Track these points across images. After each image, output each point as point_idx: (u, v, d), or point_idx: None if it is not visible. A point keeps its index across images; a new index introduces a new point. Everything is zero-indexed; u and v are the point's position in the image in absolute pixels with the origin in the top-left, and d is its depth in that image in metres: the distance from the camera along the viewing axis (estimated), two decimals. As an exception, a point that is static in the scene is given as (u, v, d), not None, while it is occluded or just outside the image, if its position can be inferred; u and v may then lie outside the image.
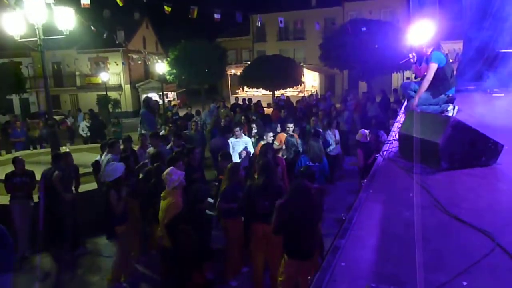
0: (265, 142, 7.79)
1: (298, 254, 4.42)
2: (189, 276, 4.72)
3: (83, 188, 8.13)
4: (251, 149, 8.25)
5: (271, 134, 8.13)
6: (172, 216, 4.88)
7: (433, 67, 4.74)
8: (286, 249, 4.51)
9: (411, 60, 5.22)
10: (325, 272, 1.88)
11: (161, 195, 5.19)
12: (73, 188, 7.57)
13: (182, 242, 4.66)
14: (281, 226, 4.39)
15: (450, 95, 4.99)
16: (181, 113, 17.47)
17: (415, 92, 5.12)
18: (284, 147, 8.14)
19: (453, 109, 4.98)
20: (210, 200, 6.03)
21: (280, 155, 7.88)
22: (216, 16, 12.88)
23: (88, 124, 15.20)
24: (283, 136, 8.46)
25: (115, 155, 7.35)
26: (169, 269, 5.22)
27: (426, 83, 4.77)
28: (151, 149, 7.96)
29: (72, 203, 7.21)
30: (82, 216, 7.41)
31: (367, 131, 8.08)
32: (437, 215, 2.50)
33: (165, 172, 5.19)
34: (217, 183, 7.57)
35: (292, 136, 8.32)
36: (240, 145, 8.31)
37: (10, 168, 7.52)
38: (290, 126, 8.45)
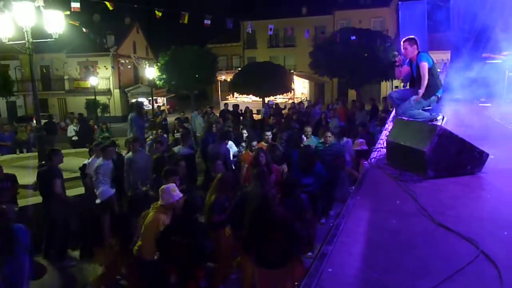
0: (251, 149, 7.82)
1: (262, 263, 4.33)
2: (183, 285, 4.70)
3: (70, 192, 8.03)
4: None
5: (255, 143, 8.12)
6: (151, 230, 4.79)
7: (425, 65, 4.73)
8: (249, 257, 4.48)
9: (396, 61, 5.24)
10: (312, 277, 1.89)
11: (152, 205, 5.07)
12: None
13: (174, 253, 4.64)
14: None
15: (439, 95, 5.01)
16: (171, 118, 17.40)
17: (401, 100, 5.16)
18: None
19: (442, 119, 5.02)
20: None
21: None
22: (206, 21, 12.91)
23: (76, 128, 15.06)
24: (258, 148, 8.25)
25: (106, 160, 7.28)
26: (152, 281, 5.16)
27: (425, 82, 4.73)
28: (129, 154, 7.88)
29: (67, 209, 7.03)
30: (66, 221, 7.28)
31: (363, 140, 8.13)
32: (423, 223, 2.53)
33: (163, 187, 5.02)
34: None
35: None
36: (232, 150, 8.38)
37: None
38: (268, 134, 8.46)
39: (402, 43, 5.04)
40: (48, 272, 6.68)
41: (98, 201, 5.83)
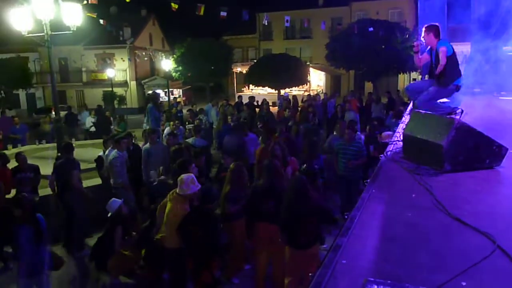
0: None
1: (294, 244, 4.60)
2: (198, 275, 4.79)
3: (86, 183, 8.16)
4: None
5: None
6: (174, 220, 4.89)
7: (444, 50, 4.61)
8: (282, 239, 4.68)
9: (415, 48, 5.13)
10: (326, 268, 1.90)
11: (170, 196, 5.14)
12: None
13: (191, 243, 4.73)
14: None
15: (459, 85, 4.91)
16: (186, 110, 17.51)
17: (419, 92, 5.08)
18: None
19: (461, 112, 4.91)
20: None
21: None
22: (222, 13, 12.91)
23: (94, 120, 15.29)
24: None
25: (120, 152, 7.38)
26: (175, 268, 5.27)
27: (442, 66, 4.62)
28: (147, 145, 7.98)
29: (84, 200, 7.16)
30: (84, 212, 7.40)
31: (390, 132, 8.03)
32: (438, 217, 2.51)
33: (184, 176, 5.06)
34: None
35: None
36: (248, 142, 8.37)
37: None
38: None
39: (423, 29, 4.93)
40: (67, 262, 6.87)
41: (109, 215, 5.96)
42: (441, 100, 5.13)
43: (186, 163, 5.90)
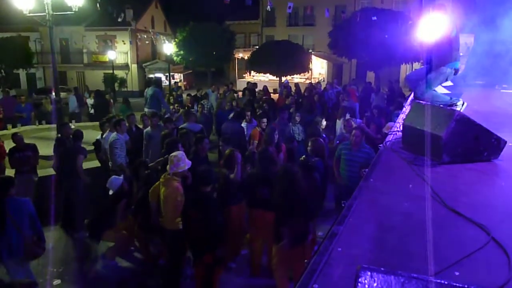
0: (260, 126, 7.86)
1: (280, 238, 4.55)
2: (200, 257, 4.85)
3: (86, 165, 8.18)
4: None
5: (265, 119, 8.14)
6: (171, 201, 4.95)
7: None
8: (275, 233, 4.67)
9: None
10: (321, 256, 1.93)
11: (161, 180, 5.19)
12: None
13: (192, 227, 4.79)
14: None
15: (456, 68, 4.86)
16: (186, 95, 17.46)
17: (418, 81, 5.04)
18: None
19: (462, 105, 4.89)
20: None
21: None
22: (227, -1, 12.84)
23: (92, 102, 15.26)
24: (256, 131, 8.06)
25: (120, 134, 7.38)
26: (174, 250, 5.34)
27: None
28: (148, 129, 7.99)
29: (83, 182, 7.20)
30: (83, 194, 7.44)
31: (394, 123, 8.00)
32: (435, 208, 2.53)
33: (174, 154, 5.17)
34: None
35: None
36: (251, 129, 8.36)
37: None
38: (264, 121, 8.20)
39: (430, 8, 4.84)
40: (64, 243, 6.95)
41: (110, 192, 6.00)
42: (442, 91, 5.11)
43: (172, 144, 5.99)
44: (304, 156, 6.47)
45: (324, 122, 8.77)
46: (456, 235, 2.20)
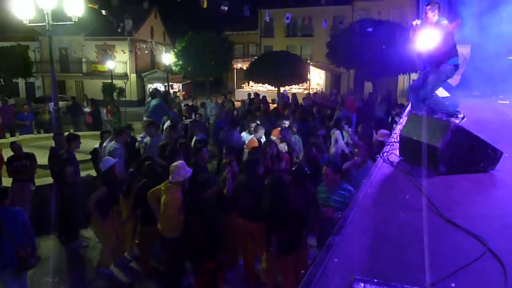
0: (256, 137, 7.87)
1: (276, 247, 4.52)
2: (200, 263, 4.87)
3: (84, 174, 8.16)
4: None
5: (260, 133, 8.15)
6: (171, 210, 4.98)
7: (444, 23, 4.50)
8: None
9: (414, 26, 5.04)
10: (317, 266, 1.92)
11: (161, 187, 5.22)
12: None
13: (192, 233, 4.80)
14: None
15: (457, 64, 4.82)
16: (183, 105, 17.52)
17: (419, 89, 5.03)
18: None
19: (462, 119, 4.84)
20: None
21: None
22: (223, 7, 12.93)
23: (88, 111, 15.33)
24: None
25: (118, 144, 7.39)
26: (173, 259, 5.33)
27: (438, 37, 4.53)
28: (147, 139, 8.00)
29: (79, 190, 7.17)
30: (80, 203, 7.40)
31: (387, 131, 8.01)
32: (431, 218, 2.53)
33: (174, 164, 5.20)
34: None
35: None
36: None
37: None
38: (286, 123, 8.41)
39: (426, 6, 4.79)
40: (60, 253, 6.90)
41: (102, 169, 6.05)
42: (444, 94, 5.08)
43: (173, 153, 6.03)
44: (296, 165, 6.51)
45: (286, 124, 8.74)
46: (452, 246, 2.21)
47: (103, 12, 13.91)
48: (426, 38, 4.77)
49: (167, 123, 10.82)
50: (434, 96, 4.90)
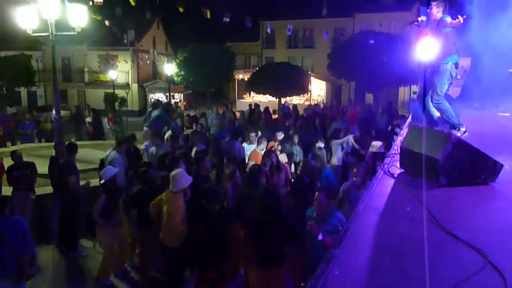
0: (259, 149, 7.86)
1: (256, 260, 4.44)
2: (203, 273, 4.87)
3: (81, 183, 8.12)
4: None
5: (263, 145, 8.13)
6: (173, 218, 4.98)
7: (448, 19, 4.45)
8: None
9: (417, 23, 5.02)
10: (318, 279, 1.92)
11: (163, 197, 5.22)
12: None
13: (197, 242, 4.79)
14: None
15: (456, 62, 4.80)
16: (185, 115, 17.54)
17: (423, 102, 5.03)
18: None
19: (464, 133, 4.73)
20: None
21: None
22: (225, 19, 13.05)
23: (90, 120, 15.37)
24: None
25: (120, 154, 7.42)
26: (174, 267, 5.31)
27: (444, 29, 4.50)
28: (153, 149, 8.03)
29: (79, 199, 7.14)
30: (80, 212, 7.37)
31: (381, 142, 8.00)
32: (432, 230, 2.53)
33: (174, 172, 5.21)
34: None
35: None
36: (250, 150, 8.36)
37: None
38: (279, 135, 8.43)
39: (432, 3, 4.74)
40: (59, 262, 6.87)
41: (102, 181, 6.03)
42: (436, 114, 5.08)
43: (173, 162, 6.04)
44: (296, 177, 6.51)
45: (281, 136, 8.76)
46: (453, 259, 2.21)
47: (107, 22, 14.02)
48: (427, 47, 4.80)
49: (168, 133, 10.88)
50: (443, 98, 4.84)
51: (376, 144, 7.92)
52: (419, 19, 5.01)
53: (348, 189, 5.49)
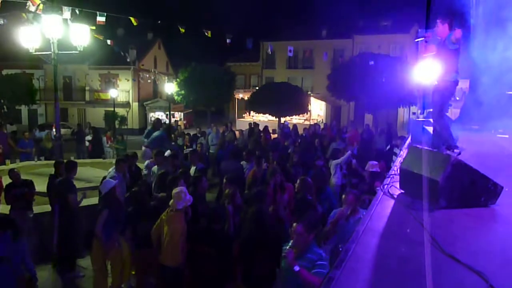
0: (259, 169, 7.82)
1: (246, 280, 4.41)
2: None
3: (86, 202, 8.07)
4: None
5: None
6: (174, 238, 4.95)
7: (459, 32, 4.50)
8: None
9: (424, 37, 5.04)
10: (317, 302, 1.90)
11: (163, 217, 5.20)
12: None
13: (199, 262, 4.74)
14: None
15: (457, 80, 4.85)
16: (185, 133, 17.59)
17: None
18: None
19: (458, 154, 4.78)
20: None
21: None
22: (228, 40, 13.24)
23: (90, 139, 15.40)
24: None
25: (118, 173, 7.40)
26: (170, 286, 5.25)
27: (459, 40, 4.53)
28: (155, 168, 8.02)
29: (77, 219, 7.08)
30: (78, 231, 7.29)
31: (375, 162, 8.06)
32: (432, 253, 2.51)
33: (176, 190, 5.20)
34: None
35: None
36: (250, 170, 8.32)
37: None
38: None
39: (438, 21, 4.79)
40: (56, 283, 6.77)
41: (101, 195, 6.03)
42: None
43: (174, 181, 6.04)
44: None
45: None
46: (453, 282, 2.18)
47: (108, 42, 14.18)
48: (430, 67, 4.85)
49: (167, 152, 10.88)
50: (445, 120, 4.87)
51: (372, 164, 7.98)
52: (425, 35, 5.08)
53: (337, 219, 5.11)
